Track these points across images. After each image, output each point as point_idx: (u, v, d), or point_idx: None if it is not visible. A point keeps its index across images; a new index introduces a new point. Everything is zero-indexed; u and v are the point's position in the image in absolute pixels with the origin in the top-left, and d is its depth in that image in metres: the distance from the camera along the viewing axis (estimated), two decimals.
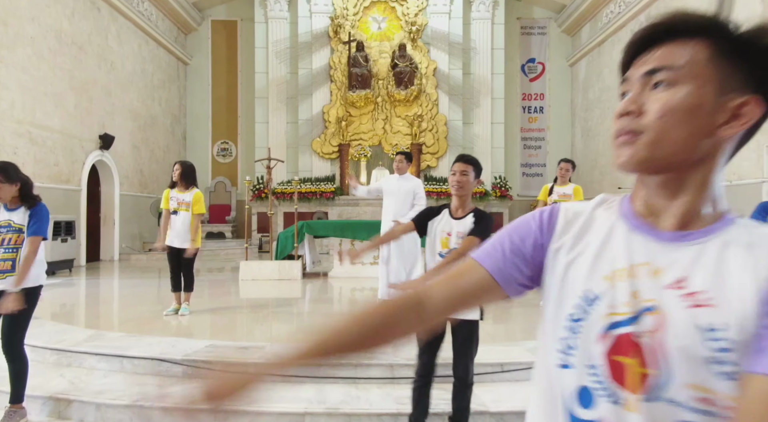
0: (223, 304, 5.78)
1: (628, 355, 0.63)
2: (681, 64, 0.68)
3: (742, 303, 0.60)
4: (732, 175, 8.06)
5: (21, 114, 7.85)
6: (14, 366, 2.96)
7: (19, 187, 3.05)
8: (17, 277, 2.91)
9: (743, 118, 0.68)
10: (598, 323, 0.66)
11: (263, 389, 0.72)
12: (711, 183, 0.70)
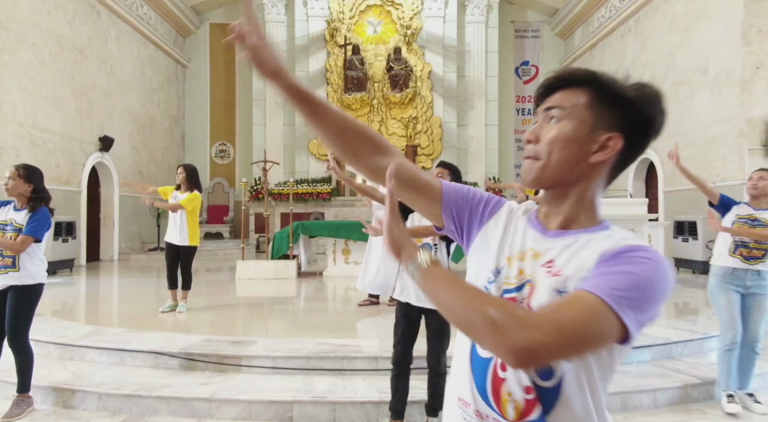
0: (219, 302, 5.98)
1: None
2: (567, 105, 0.90)
3: (583, 270, 0.82)
4: (716, 176, 8.27)
5: (23, 117, 8.04)
6: (20, 358, 3.16)
7: (31, 190, 3.25)
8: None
9: (609, 149, 0.89)
10: (498, 289, 0.89)
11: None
12: (588, 197, 0.91)
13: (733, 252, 3.20)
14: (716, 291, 3.28)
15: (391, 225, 0.88)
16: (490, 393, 0.84)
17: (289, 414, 3.04)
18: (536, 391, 0.83)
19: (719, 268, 3.27)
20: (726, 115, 8.05)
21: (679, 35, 9.29)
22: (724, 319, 3.25)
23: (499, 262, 0.91)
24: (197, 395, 3.13)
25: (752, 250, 3.16)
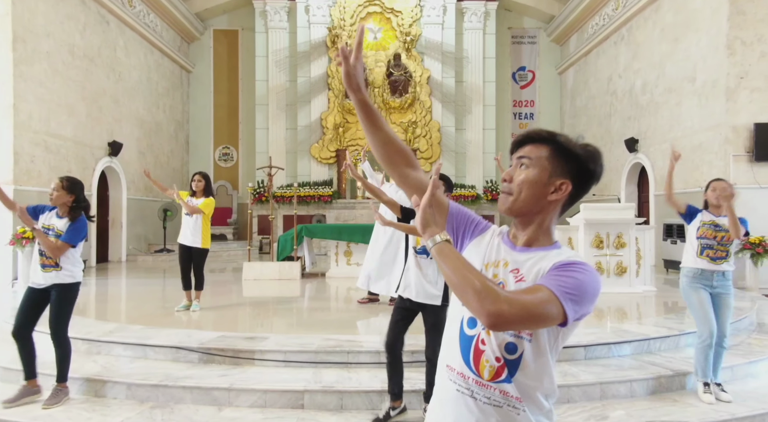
0: (229, 302, 6.31)
1: None
2: (533, 157, 1.23)
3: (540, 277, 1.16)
4: (703, 181, 8.58)
5: (38, 124, 8.37)
6: (61, 351, 3.50)
7: (73, 200, 3.59)
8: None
9: (561, 191, 1.22)
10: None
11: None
12: (545, 224, 1.25)
13: (700, 254, 3.53)
14: (688, 290, 3.62)
15: (425, 207, 1.17)
16: (472, 360, 1.18)
17: (300, 402, 3.38)
18: (505, 362, 1.16)
19: (689, 269, 3.60)
20: (712, 123, 8.40)
21: (668, 45, 9.64)
22: (698, 316, 3.58)
23: (481, 267, 1.25)
24: (217, 385, 3.46)
25: (717, 251, 3.50)
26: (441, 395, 1.25)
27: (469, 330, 1.21)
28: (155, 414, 3.28)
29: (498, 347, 1.16)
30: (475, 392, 1.17)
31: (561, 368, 3.78)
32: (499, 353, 1.16)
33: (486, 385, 1.17)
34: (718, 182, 3.61)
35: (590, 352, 4.02)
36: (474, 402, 1.18)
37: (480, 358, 1.18)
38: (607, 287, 6.59)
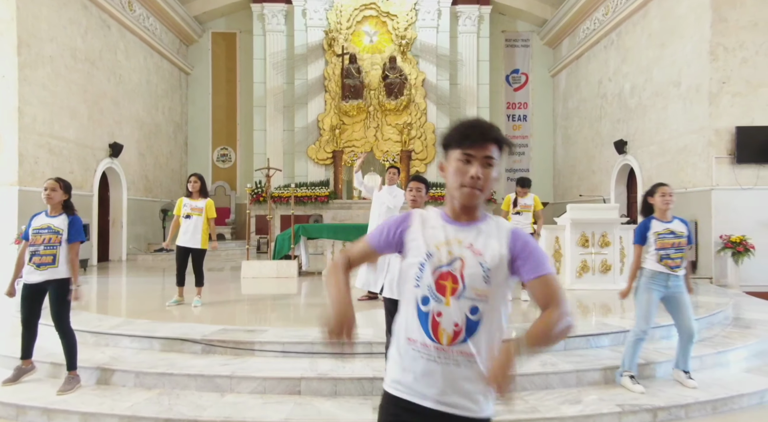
0: (228, 298, 6.56)
1: (447, 280, 1.42)
2: (495, 158, 1.47)
3: (493, 250, 1.41)
4: (688, 182, 8.90)
5: (41, 127, 8.60)
6: (66, 341, 3.74)
7: (66, 199, 3.84)
8: (74, 277, 3.74)
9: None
10: (431, 266, 1.44)
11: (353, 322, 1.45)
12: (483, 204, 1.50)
13: (659, 261, 3.78)
14: (641, 290, 3.84)
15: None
16: (431, 330, 1.42)
17: (297, 388, 3.63)
18: (464, 324, 1.40)
19: (649, 271, 3.82)
20: (696, 126, 8.68)
21: (655, 50, 9.93)
22: (641, 313, 3.81)
23: (429, 249, 1.46)
24: (219, 373, 3.71)
25: (675, 260, 3.75)
26: (405, 363, 1.47)
27: (424, 307, 1.44)
28: (162, 399, 3.52)
29: (461, 313, 1.40)
30: (436, 357, 1.41)
31: (541, 358, 4.04)
32: (458, 319, 1.40)
33: (445, 349, 1.41)
34: (665, 187, 3.87)
35: (569, 344, 4.28)
36: (436, 364, 1.41)
37: (437, 328, 1.42)
38: (592, 284, 6.89)
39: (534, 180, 15.47)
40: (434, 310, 1.43)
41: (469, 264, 1.42)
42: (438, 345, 1.42)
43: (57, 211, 3.84)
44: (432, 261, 1.45)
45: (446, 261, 1.44)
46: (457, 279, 1.42)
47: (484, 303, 1.41)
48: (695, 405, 3.53)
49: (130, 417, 3.30)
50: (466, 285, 1.41)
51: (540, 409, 3.39)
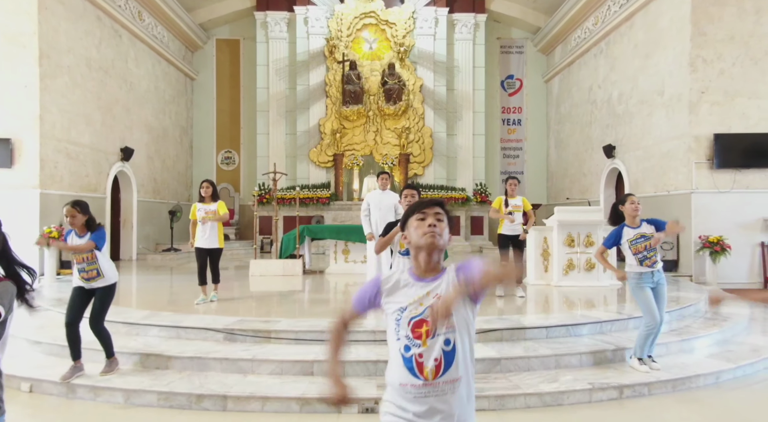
0: (241, 294, 7.06)
1: (421, 327, 1.74)
2: (441, 214, 1.91)
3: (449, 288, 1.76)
4: (670, 186, 9.44)
5: (60, 133, 9.09)
6: (102, 338, 4.22)
7: (86, 219, 4.30)
8: (68, 249, 4.25)
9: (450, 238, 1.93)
10: (407, 318, 1.76)
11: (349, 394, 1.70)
12: (441, 258, 1.96)
13: (640, 264, 4.31)
14: (636, 290, 4.37)
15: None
16: (417, 371, 1.69)
17: (311, 370, 4.15)
18: (441, 357, 1.60)
19: (635, 274, 4.34)
20: (677, 133, 9.22)
21: (640, 60, 10.47)
22: (646, 310, 4.32)
23: (402, 305, 1.69)
24: (242, 357, 4.23)
25: (652, 258, 4.28)
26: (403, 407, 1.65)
27: (407, 354, 1.65)
28: (193, 379, 4.04)
29: (439, 348, 1.62)
30: (426, 392, 1.62)
31: (525, 345, 4.57)
32: (438, 354, 1.62)
33: (432, 384, 1.62)
34: (633, 196, 4.42)
35: (551, 333, 4.81)
36: (428, 398, 1.62)
37: (422, 368, 1.63)
38: (578, 281, 7.41)
39: (528, 182, 16.17)
40: (416, 354, 1.64)
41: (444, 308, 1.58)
42: (425, 381, 1.62)
43: (83, 231, 4.26)
44: (405, 314, 1.70)
45: (419, 312, 1.69)
46: (428, 323, 1.65)
47: (454, 333, 1.64)
48: (657, 383, 4.06)
49: (167, 393, 3.81)
50: (438, 327, 1.64)
51: (521, 386, 3.91)
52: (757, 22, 8.69)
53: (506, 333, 4.70)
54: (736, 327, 5.56)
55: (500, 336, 4.67)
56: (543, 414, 3.72)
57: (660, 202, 9.68)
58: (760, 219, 8.69)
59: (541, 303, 6.41)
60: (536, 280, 7.59)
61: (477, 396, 3.62)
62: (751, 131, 8.71)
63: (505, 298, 6.39)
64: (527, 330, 4.78)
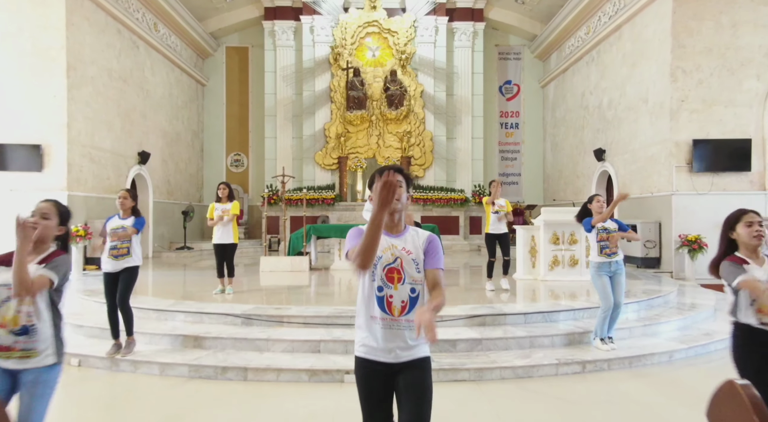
0: (252, 287, 7.74)
1: (393, 274, 2.34)
2: (401, 180, 2.55)
3: (417, 250, 2.37)
4: (653, 188, 10.06)
5: (85, 139, 9.81)
6: (126, 316, 4.91)
7: (134, 205, 5.02)
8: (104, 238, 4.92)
9: (409, 199, 2.59)
10: (382, 265, 2.34)
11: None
12: (404, 216, 2.62)
13: (600, 253, 4.96)
14: (595, 277, 5.03)
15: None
16: (386, 308, 2.27)
17: (318, 348, 4.81)
18: (408, 301, 2.23)
19: (595, 263, 5.01)
20: (660, 138, 9.84)
21: (627, 69, 11.09)
22: (602, 295, 4.98)
23: (378, 254, 2.08)
24: (258, 337, 4.90)
25: (611, 249, 4.94)
26: (370, 332, 2.13)
27: (380, 293, 2.14)
28: (218, 355, 4.72)
29: (405, 295, 2.13)
30: (391, 325, 2.11)
31: (504, 328, 5.23)
32: (405, 298, 2.12)
33: (396, 319, 2.11)
34: (600, 196, 5.08)
35: (529, 318, 5.46)
36: (390, 330, 2.10)
37: (391, 306, 2.12)
38: (563, 276, 8.05)
39: (525, 183, 16.82)
40: (387, 294, 2.13)
41: (406, 261, 2.15)
42: (392, 317, 2.12)
43: (127, 214, 5.02)
44: (381, 262, 2.15)
45: (391, 260, 2.16)
46: (400, 272, 2.14)
47: (419, 285, 2.14)
48: (615, 360, 4.70)
49: (196, 366, 4.50)
50: (406, 276, 2.14)
51: (498, 362, 4.57)
52: (734, 35, 9.30)
53: (489, 318, 5.36)
54: (700, 316, 6.19)
55: (483, 321, 5.33)
56: (515, 384, 4.37)
57: (645, 202, 10.30)
58: None
59: (529, 295, 7.05)
60: (524, 275, 8.24)
61: (456, 369, 4.38)
62: (728, 137, 9.32)
63: (495, 292, 7.04)
64: (507, 316, 5.43)
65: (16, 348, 2.31)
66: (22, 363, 2.32)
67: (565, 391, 4.22)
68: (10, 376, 2.33)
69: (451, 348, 4.82)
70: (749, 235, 2.60)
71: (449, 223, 14.86)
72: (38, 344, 2.35)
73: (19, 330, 2.32)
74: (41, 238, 2.44)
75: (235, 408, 3.89)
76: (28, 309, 2.34)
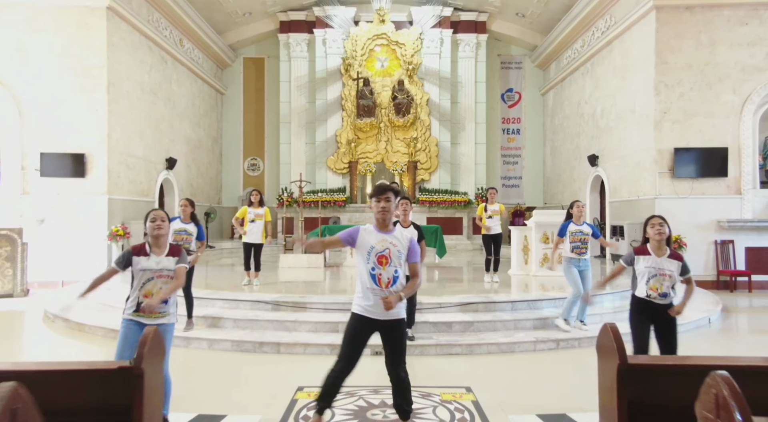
0: (276, 280, 8.73)
1: (382, 259, 3.36)
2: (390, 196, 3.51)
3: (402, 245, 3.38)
4: (640, 192, 10.93)
5: (122, 148, 10.86)
6: (189, 301, 5.92)
7: (192, 211, 6.02)
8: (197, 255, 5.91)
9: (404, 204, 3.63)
10: (375, 252, 3.36)
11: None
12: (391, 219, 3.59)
13: (572, 252, 5.89)
14: (566, 269, 5.95)
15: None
16: (378, 282, 3.27)
17: (337, 329, 5.77)
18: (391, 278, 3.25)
19: (566, 258, 5.94)
20: (645, 146, 10.71)
21: (618, 81, 11.96)
22: (572, 283, 5.90)
23: (372, 244, 3.18)
24: (287, 319, 5.88)
25: (581, 249, 5.86)
26: (366, 298, 3.14)
27: (373, 272, 3.15)
28: (254, 334, 5.70)
29: (391, 274, 3.24)
30: (380, 294, 3.11)
31: (494, 313, 6.16)
32: (390, 276, 3.18)
33: (384, 290, 3.12)
34: (579, 202, 6.00)
35: (515, 306, 6.39)
36: (380, 298, 3.09)
37: (380, 281, 3.16)
38: (551, 272, 8.95)
39: (526, 186, 17.74)
40: (377, 273, 3.17)
41: (393, 252, 3.18)
42: (381, 288, 3.16)
43: (187, 219, 6.01)
44: (374, 250, 3.18)
45: (381, 249, 3.18)
46: (388, 258, 3.18)
47: (400, 268, 3.20)
48: (585, 339, 5.63)
49: (238, 341, 5.48)
50: (392, 261, 3.18)
51: (486, 339, 5.52)
52: (712, 52, 10.16)
53: (480, 305, 6.31)
54: None
55: (476, 308, 6.27)
56: (499, 357, 5.32)
57: (632, 205, 11.18)
58: (713, 221, 10.17)
59: (521, 288, 7.97)
60: (518, 271, 9.16)
61: (451, 345, 5.40)
62: (707, 146, 10.18)
63: (489, 284, 7.97)
64: (497, 303, 6.37)
65: (157, 310, 3.30)
66: (158, 319, 3.33)
67: (540, 361, 5.17)
68: (142, 328, 3.33)
69: (448, 329, 5.77)
70: (652, 234, 3.58)
71: (453, 224, 15.79)
72: (168, 308, 3.40)
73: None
74: (165, 237, 3.43)
75: (274, 372, 4.87)
76: (164, 286, 3.33)
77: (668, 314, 3.70)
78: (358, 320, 3.23)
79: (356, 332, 3.24)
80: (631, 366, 2.55)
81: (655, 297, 3.69)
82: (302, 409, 3.92)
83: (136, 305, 3.38)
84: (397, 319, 3.23)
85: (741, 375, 2.03)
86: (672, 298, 3.76)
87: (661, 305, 3.71)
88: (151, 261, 3.37)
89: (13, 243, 8.94)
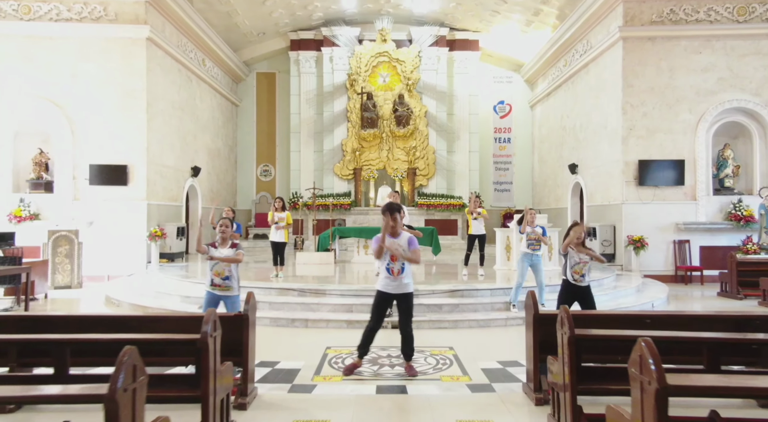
0: (296, 274, 10.27)
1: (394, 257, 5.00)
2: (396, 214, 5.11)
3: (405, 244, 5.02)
4: (610, 198, 12.49)
5: (157, 159, 12.41)
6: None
7: (233, 217, 7.60)
8: None
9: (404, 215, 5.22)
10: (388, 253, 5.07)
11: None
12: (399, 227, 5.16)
13: (527, 248, 7.43)
14: (520, 262, 7.49)
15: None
16: (392, 272, 4.87)
17: (351, 309, 7.31)
18: (401, 268, 4.91)
19: (522, 252, 7.47)
20: (615, 158, 12.26)
21: (593, 100, 13.52)
22: (520, 273, 7.43)
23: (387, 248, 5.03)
24: (312, 302, 7.43)
25: (534, 246, 7.40)
26: (385, 281, 4.90)
27: (389, 266, 4.83)
28: (287, 313, 7.25)
29: (399, 266, 4.89)
30: (393, 278, 4.89)
31: (480, 299, 7.71)
32: (399, 267, 4.89)
33: (396, 278, 4.87)
34: (533, 210, 7.56)
35: (494, 293, 7.94)
36: (393, 282, 4.84)
37: (393, 270, 4.88)
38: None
39: (516, 190, 19.33)
40: (391, 266, 4.84)
41: (400, 252, 4.90)
42: (394, 277, 4.86)
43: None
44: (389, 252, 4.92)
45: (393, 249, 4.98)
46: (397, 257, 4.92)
47: (404, 262, 4.87)
48: None
49: (275, 318, 7.04)
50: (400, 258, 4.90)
51: (467, 317, 7.07)
52: (671, 77, 11.72)
53: (466, 292, 7.85)
54: (621, 293, 8.63)
55: (462, 294, 7.82)
56: (478, 330, 6.87)
57: (604, 209, 12.73)
58: (672, 224, 11.71)
59: (503, 280, 9.49)
60: (501, 266, 10.70)
61: (440, 321, 7.11)
62: (667, 158, 11.72)
63: (472, 275, 9.51)
64: (479, 290, 7.92)
65: (223, 285, 4.86)
66: (225, 292, 4.88)
67: (508, 332, 6.72)
68: (218, 299, 4.87)
69: (438, 309, 7.32)
70: (574, 234, 5.14)
71: (449, 225, 17.34)
72: (232, 282, 4.94)
73: (225, 277, 4.88)
74: (228, 236, 4.98)
75: (306, 339, 6.42)
76: (228, 268, 4.89)
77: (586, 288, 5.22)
78: (381, 295, 4.92)
79: (381, 302, 4.92)
80: (541, 315, 4.10)
81: (578, 278, 5.21)
82: (332, 358, 5.48)
83: (210, 281, 4.96)
84: (406, 292, 4.86)
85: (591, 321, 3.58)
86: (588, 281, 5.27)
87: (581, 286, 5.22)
88: (218, 252, 4.97)
89: (71, 243, 10.49)
